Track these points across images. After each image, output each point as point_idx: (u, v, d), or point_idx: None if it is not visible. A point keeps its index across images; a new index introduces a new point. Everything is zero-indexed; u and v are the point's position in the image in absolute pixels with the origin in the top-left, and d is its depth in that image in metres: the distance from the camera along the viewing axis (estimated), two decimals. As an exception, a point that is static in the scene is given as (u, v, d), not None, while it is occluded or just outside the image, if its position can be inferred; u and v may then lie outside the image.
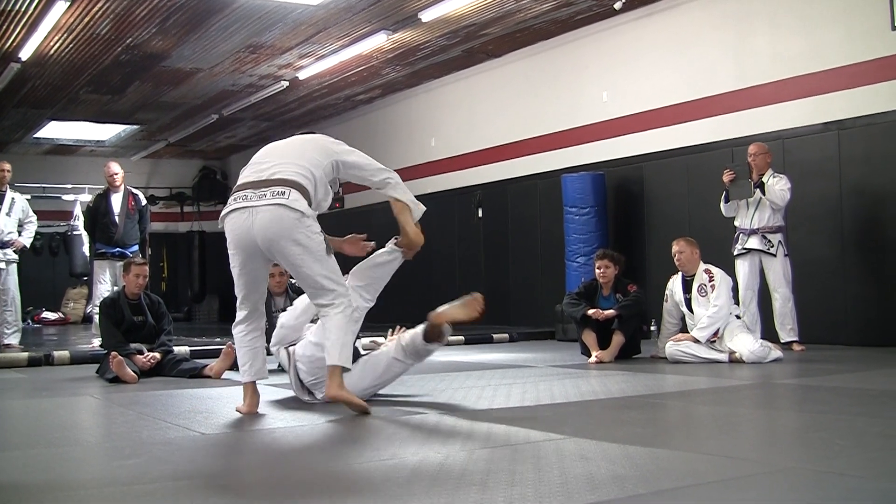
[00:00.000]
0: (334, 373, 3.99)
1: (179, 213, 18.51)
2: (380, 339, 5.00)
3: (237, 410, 4.24)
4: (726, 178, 7.34)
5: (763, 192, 7.16)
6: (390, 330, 4.91)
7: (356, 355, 4.45)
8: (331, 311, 4.01)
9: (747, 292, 7.26)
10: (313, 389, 4.51)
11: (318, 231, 4.04)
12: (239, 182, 4.16)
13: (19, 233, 8.67)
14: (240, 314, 4.24)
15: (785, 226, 7.31)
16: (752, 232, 7.26)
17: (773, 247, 7.19)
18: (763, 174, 7.27)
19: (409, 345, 4.49)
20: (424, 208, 4.39)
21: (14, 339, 8.49)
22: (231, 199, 4.11)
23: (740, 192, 7.30)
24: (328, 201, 4.23)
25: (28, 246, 8.95)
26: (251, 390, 4.26)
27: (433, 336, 4.46)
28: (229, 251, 4.14)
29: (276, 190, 3.98)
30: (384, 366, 4.52)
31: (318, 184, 4.10)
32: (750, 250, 7.27)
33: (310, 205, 4.02)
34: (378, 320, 5.68)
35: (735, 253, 7.35)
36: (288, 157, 4.14)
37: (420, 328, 4.47)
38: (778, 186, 7.15)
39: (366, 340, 5.23)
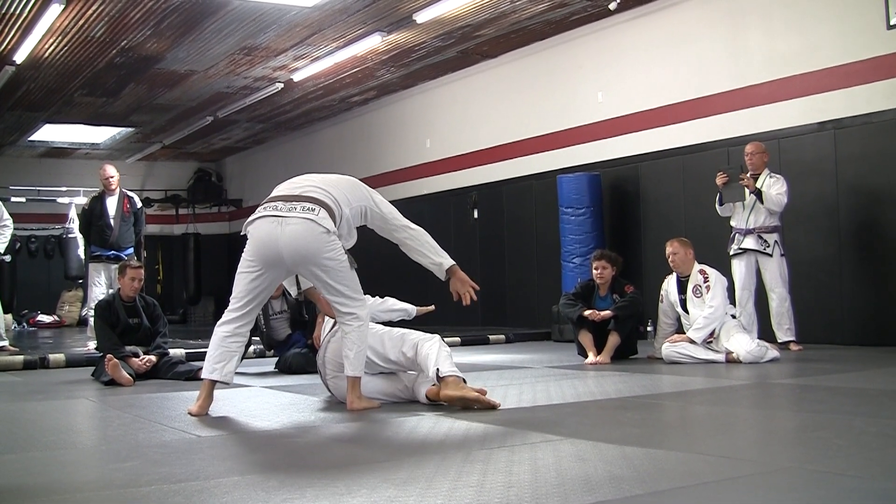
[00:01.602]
0: (354, 385, 4.19)
1: (174, 216, 18.45)
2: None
3: (188, 412, 4.23)
4: (719, 180, 7.34)
5: (761, 201, 7.14)
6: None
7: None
8: (353, 322, 4.15)
9: (744, 292, 7.26)
10: (329, 387, 4.54)
11: (341, 247, 4.12)
12: (271, 195, 4.23)
13: None
14: (230, 315, 4.20)
15: (781, 225, 7.30)
16: (748, 232, 7.26)
17: (769, 246, 7.19)
18: (759, 174, 7.27)
19: (411, 384, 4.41)
20: (452, 262, 4.37)
21: None
22: (260, 208, 4.18)
23: (733, 195, 7.30)
24: (350, 243, 4.28)
25: (2, 252, 8.77)
26: (208, 391, 4.24)
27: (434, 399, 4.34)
28: (246, 257, 4.14)
29: (307, 206, 4.07)
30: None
31: (343, 219, 4.18)
32: (746, 250, 7.27)
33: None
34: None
35: (731, 253, 7.35)
36: (324, 185, 4.23)
37: (423, 390, 4.33)
38: (774, 191, 7.14)
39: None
